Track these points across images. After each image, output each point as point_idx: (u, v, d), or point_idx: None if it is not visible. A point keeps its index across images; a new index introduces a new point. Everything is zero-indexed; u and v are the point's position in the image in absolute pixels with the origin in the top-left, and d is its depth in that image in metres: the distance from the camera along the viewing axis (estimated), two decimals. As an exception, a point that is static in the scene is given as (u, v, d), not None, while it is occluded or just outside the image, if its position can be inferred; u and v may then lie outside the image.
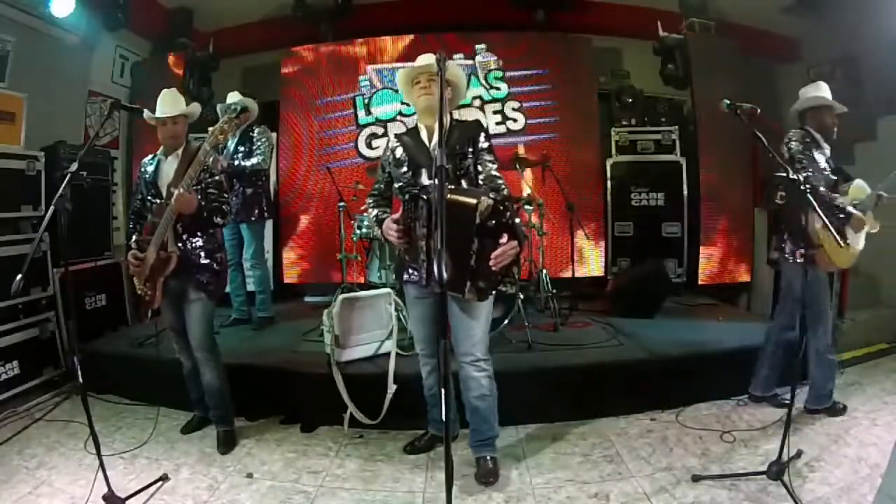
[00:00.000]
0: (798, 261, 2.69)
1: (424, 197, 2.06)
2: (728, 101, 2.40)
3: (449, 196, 1.97)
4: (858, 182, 2.79)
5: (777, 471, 2.12)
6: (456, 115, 2.41)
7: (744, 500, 2.08)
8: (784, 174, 2.19)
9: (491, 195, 2.01)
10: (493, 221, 1.98)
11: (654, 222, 4.79)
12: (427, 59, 2.23)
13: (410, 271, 2.24)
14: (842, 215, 2.66)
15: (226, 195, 2.61)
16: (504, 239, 1.99)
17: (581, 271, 4.77)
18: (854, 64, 4.29)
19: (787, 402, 2.63)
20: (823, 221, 2.18)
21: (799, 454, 2.35)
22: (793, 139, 2.75)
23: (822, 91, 2.80)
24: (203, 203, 2.48)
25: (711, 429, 2.69)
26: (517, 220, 2.06)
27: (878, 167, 4.06)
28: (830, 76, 4.54)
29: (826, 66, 4.56)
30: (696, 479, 2.23)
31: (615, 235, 4.88)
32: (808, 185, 2.59)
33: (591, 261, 4.94)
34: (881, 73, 3.98)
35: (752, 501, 2.07)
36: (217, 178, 2.57)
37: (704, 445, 2.56)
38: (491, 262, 1.98)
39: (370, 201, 2.39)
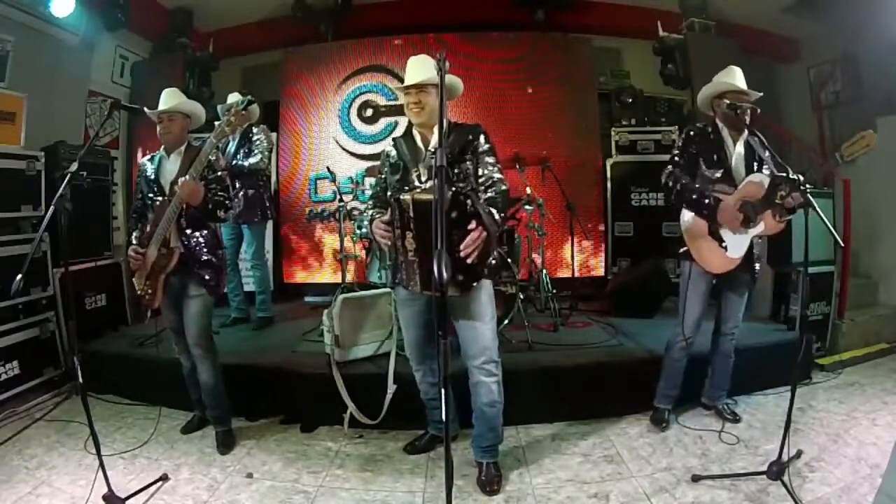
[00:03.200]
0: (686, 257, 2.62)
1: (397, 199, 2.05)
2: (729, 101, 2.40)
3: (414, 196, 1.99)
4: (753, 177, 2.44)
5: (777, 471, 2.11)
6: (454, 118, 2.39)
7: (744, 500, 2.08)
8: (784, 174, 2.19)
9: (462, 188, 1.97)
10: (455, 212, 1.93)
11: (655, 222, 4.79)
12: (414, 72, 2.21)
13: (398, 274, 2.22)
14: (705, 211, 2.47)
15: (228, 190, 2.60)
16: (472, 226, 1.94)
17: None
18: (854, 64, 4.29)
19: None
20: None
21: (799, 454, 2.35)
22: (680, 134, 2.63)
23: (732, 77, 2.56)
24: (207, 195, 2.48)
25: (711, 429, 2.69)
26: (487, 209, 2.00)
27: (878, 167, 4.07)
28: (830, 76, 4.55)
29: (826, 66, 4.56)
30: (696, 479, 2.22)
31: (615, 235, 4.88)
32: (676, 182, 2.51)
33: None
34: (881, 73, 3.98)
35: (752, 501, 2.07)
36: (219, 174, 2.57)
37: (704, 445, 2.56)
38: (462, 253, 1.92)
39: (369, 203, 2.40)
